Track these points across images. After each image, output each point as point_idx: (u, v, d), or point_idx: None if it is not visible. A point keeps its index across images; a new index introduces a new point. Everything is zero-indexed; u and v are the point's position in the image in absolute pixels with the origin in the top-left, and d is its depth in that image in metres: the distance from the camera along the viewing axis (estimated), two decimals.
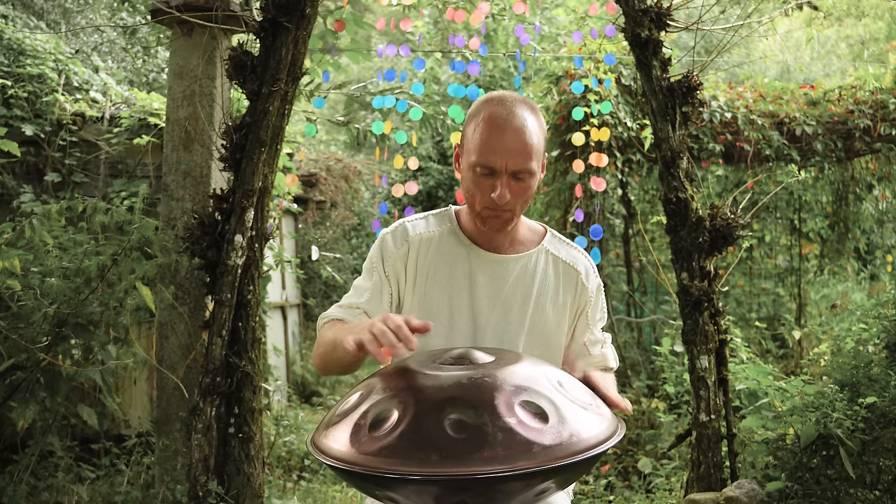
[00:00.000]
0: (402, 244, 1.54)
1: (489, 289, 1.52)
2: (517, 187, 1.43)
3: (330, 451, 1.06)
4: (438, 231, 1.56)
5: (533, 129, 1.43)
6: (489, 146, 1.42)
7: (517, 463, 0.96)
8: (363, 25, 3.47)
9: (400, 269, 1.53)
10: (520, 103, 1.45)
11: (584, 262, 1.61)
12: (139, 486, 3.27)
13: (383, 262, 1.54)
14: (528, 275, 1.55)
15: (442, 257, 1.54)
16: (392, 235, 1.56)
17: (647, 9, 2.75)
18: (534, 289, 1.54)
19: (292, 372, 6.64)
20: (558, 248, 1.60)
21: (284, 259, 4.36)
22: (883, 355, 2.86)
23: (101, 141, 4.44)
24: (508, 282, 1.53)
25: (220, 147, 2.84)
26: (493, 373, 1.09)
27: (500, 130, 1.42)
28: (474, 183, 1.45)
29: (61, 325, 2.82)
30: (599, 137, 4.31)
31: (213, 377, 2.70)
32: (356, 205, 8.87)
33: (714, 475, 2.68)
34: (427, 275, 1.53)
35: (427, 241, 1.55)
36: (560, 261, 1.58)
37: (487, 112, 1.44)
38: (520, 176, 1.43)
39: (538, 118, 1.47)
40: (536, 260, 1.56)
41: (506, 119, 1.42)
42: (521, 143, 1.41)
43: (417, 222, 1.58)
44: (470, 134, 1.46)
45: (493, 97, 1.48)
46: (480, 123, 1.44)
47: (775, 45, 11.71)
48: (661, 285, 6.11)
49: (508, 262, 1.54)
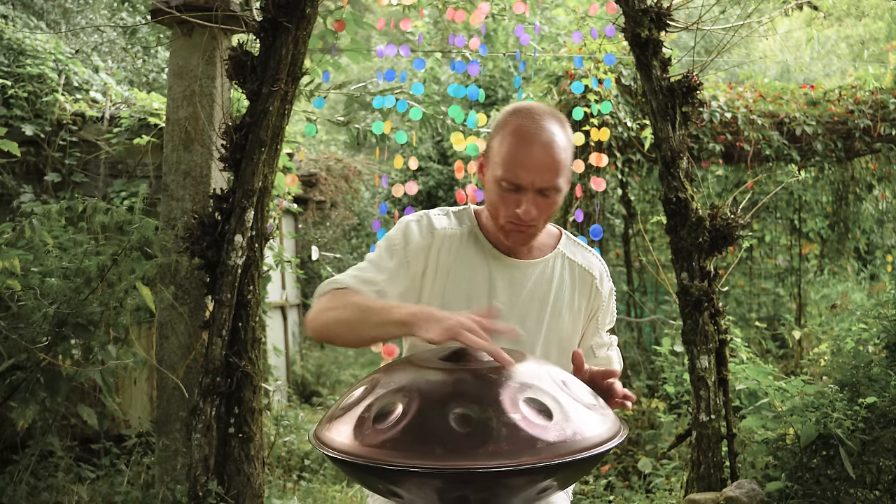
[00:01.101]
0: (428, 235, 1.49)
1: (507, 294, 1.50)
2: (543, 203, 1.39)
3: (333, 444, 1.06)
4: (460, 230, 1.52)
5: (561, 144, 1.38)
6: (516, 161, 1.36)
7: (521, 458, 0.96)
8: (363, 25, 3.47)
9: (422, 259, 1.48)
10: (549, 116, 1.40)
11: (599, 266, 1.59)
12: (139, 486, 3.27)
13: (406, 247, 1.47)
14: (545, 280, 1.52)
15: (462, 258, 1.50)
16: (418, 224, 1.50)
17: (647, 9, 2.75)
18: (551, 295, 1.52)
19: (292, 372, 6.64)
20: (574, 251, 1.58)
21: (284, 259, 4.36)
22: (883, 355, 2.86)
23: (101, 141, 4.44)
24: (526, 287, 1.51)
25: (220, 147, 2.84)
26: (498, 369, 1.10)
27: (527, 145, 1.36)
28: (499, 197, 1.40)
29: (61, 325, 2.81)
30: (599, 137, 4.31)
31: (213, 377, 2.70)
32: (356, 205, 8.87)
33: (714, 475, 2.68)
34: (447, 273, 1.49)
35: (450, 239, 1.50)
36: (576, 265, 1.56)
37: (515, 124, 1.39)
38: (546, 193, 1.38)
39: (567, 132, 1.42)
40: (553, 265, 1.54)
41: (534, 133, 1.37)
42: (549, 159, 1.36)
43: (441, 217, 1.53)
44: (496, 146, 1.41)
45: (521, 108, 1.42)
46: (508, 136, 1.39)
47: (775, 45, 11.71)
48: (661, 285, 6.11)
49: (527, 267, 1.51)
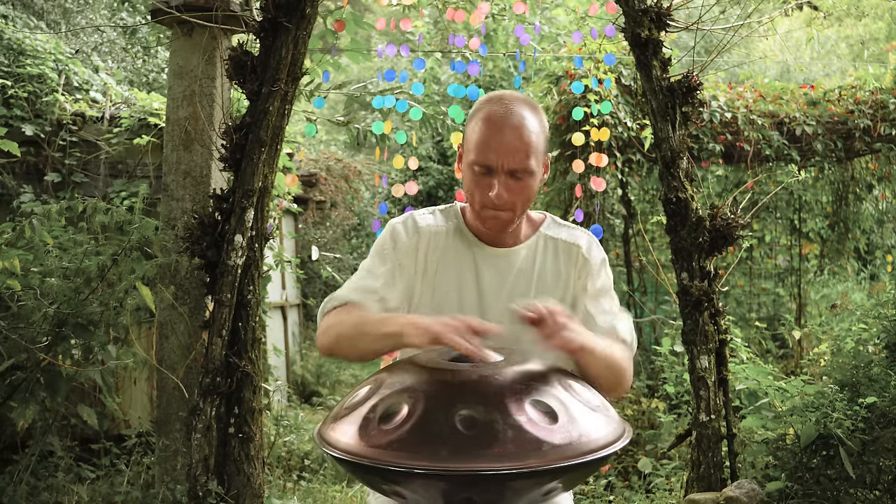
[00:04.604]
0: (414, 235, 1.52)
1: (495, 283, 1.51)
2: (515, 186, 1.42)
3: (337, 444, 1.06)
4: (445, 227, 1.55)
5: (532, 127, 1.42)
6: (486, 144, 1.41)
7: (527, 460, 0.96)
8: (363, 25, 3.47)
9: (411, 259, 1.51)
10: (519, 101, 1.44)
11: (586, 238, 1.58)
12: (139, 486, 3.27)
13: (396, 249, 1.51)
14: (529, 262, 1.53)
15: (449, 253, 1.53)
16: (403, 226, 1.54)
17: (647, 9, 2.75)
18: (534, 275, 1.53)
19: (292, 372, 6.64)
20: (558, 231, 1.58)
21: (284, 259, 4.36)
22: (883, 355, 2.86)
23: (101, 141, 4.44)
24: (512, 273, 1.52)
25: (220, 147, 2.84)
26: (504, 371, 1.09)
27: (497, 128, 1.40)
28: (474, 182, 1.44)
29: (61, 325, 2.81)
30: (599, 137, 4.31)
31: (213, 377, 2.70)
32: (356, 205, 8.87)
33: (714, 475, 2.68)
34: (436, 270, 1.52)
35: (436, 236, 1.53)
36: (560, 241, 1.56)
37: (486, 111, 1.43)
38: (518, 175, 1.41)
39: (539, 116, 1.45)
40: (536, 246, 1.55)
41: (503, 117, 1.41)
42: (517, 141, 1.40)
43: (426, 216, 1.57)
44: (469, 133, 1.45)
45: (493, 96, 1.47)
46: (479, 122, 1.43)
47: (775, 45, 11.71)
48: (661, 285, 6.10)
49: (510, 254, 1.53)
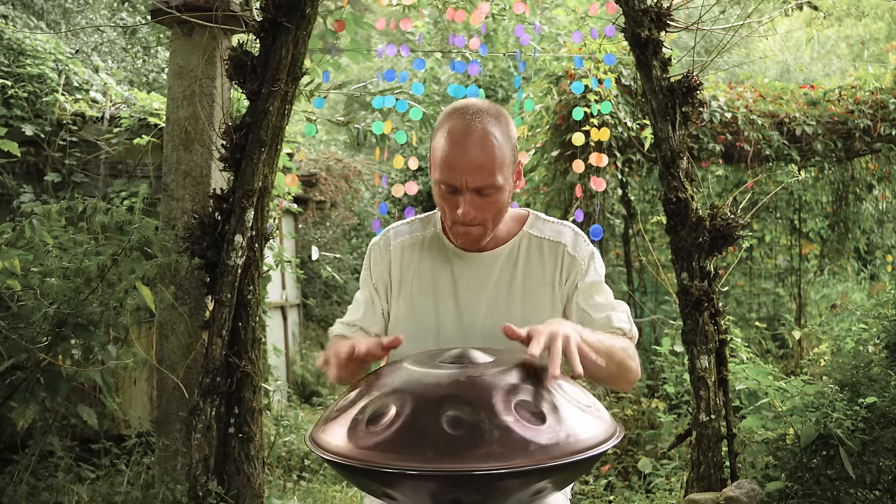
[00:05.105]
0: (385, 253, 1.55)
1: (474, 289, 1.49)
2: (483, 203, 1.38)
3: (327, 446, 1.07)
4: (422, 235, 1.55)
5: (496, 140, 1.35)
6: (448, 163, 1.35)
7: (513, 461, 0.96)
8: (363, 25, 3.46)
9: (385, 279, 1.55)
10: (481, 114, 1.37)
11: (570, 233, 1.52)
12: (139, 486, 3.27)
13: (371, 274, 1.56)
14: (511, 264, 1.50)
15: (425, 264, 1.52)
16: (377, 246, 1.58)
17: (647, 9, 2.75)
18: (517, 276, 1.49)
19: (292, 372, 6.64)
20: (542, 228, 1.53)
21: (284, 259, 4.36)
22: (883, 355, 2.86)
23: (101, 141, 4.44)
24: (493, 277, 1.49)
25: (220, 147, 2.84)
26: (491, 372, 1.09)
27: (459, 145, 1.34)
28: (441, 198, 1.41)
29: (61, 325, 2.81)
30: (599, 137, 4.31)
31: (213, 377, 2.70)
32: (356, 205, 8.86)
33: (714, 475, 2.68)
34: (412, 280, 1.52)
35: (410, 247, 1.54)
36: (544, 240, 1.51)
37: (448, 126, 1.37)
38: (484, 192, 1.36)
39: (503, 126, 1.38)
40: (519, 247, 1.51)
41: (464, 133, 1.34)
42: (481, 158, 1.34)
43: (401, 228, 1.58)
44: (433, 148, 1.40)
45: (456, 108, 1.40)
46: (442, 138, 1.37)
47: (775, 45, 11.70)
48: (661, 285, 6.11)
49: (491, 258, 1.50)
